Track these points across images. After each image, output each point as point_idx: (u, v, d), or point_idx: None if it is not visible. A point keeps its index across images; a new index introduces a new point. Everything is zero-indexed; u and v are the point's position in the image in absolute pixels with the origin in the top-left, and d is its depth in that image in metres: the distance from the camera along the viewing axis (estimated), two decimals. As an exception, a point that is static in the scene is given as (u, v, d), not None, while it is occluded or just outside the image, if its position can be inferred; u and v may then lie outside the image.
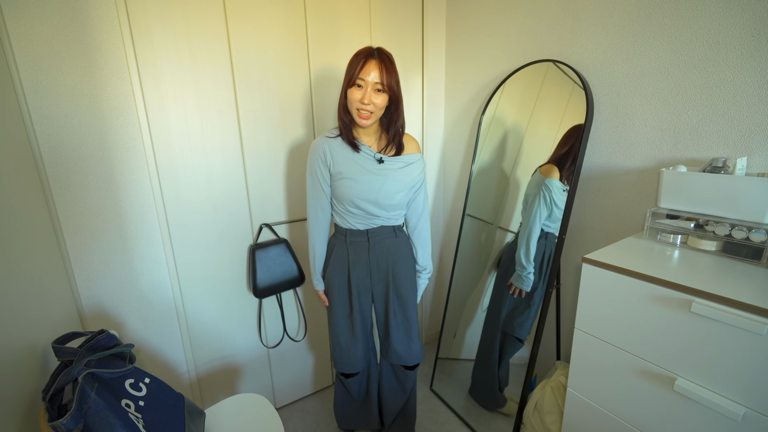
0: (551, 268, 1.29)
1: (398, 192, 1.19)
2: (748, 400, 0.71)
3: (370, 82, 1.06)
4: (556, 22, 1.33)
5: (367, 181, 1.15)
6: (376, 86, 1.07)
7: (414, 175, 1.21)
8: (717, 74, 0.99)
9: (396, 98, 1.12)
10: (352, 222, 1.22)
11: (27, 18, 1.00)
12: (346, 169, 1.15)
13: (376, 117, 1.12)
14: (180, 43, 1.22)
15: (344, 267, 1.26)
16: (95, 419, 0.73)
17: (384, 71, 1.06)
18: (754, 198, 0.86)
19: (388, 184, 1.16)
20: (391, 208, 1.20)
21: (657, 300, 0.82)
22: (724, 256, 0.92)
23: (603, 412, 0.97)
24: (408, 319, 1.31)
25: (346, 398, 1.47)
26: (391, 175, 1.17)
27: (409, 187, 1.21)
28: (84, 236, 1.16)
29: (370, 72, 1.05)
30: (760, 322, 0.67)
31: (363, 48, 1.09)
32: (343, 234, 1.24)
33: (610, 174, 1.26)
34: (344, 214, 1.22)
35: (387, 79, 1.07)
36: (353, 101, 1.08)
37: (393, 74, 1.09)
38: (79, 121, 1.11)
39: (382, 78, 1.06)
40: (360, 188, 1.15)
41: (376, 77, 1.06)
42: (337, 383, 1.45)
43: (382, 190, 1.16)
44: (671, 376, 0.81)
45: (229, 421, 1.12)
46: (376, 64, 1.06)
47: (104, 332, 0.94)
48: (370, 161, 1.17)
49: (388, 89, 1.08)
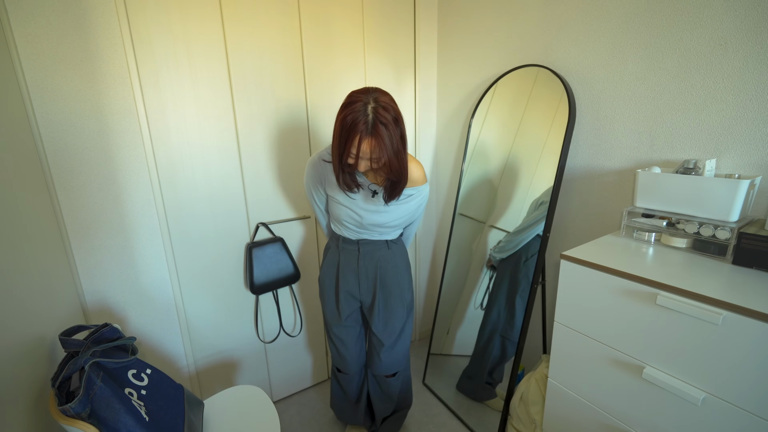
0: (536, 265, 1.35)
1: (394, 221, 1.19)
2: (707, 385, 0.76)
3: (364, 160, 0.99)
4: (541, 28, 1.38)
5: (361, 208, 1.16)
6: (371, 165, 1.01)
7: (412, 205, 1.19)
8: (689, 80, 1.04)
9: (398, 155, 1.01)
10: (345, 232, 1.25)
11: (33, 27, 1.05)
12: (341, 196, 1.16)
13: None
14: (179, 48, 1.27)
15: (334, 271, 1.29)
16: (101, 405, 0.79)
17: (382, 147, 0.96)
18: (720, 198, 0.92)
19: (381, 215, 1.17)
20: (385, 232, 1.23)
21: (627, 293, 0.87)
22: (693, 252, 0.98)
23: (581, 401, 1.03)
24: (392, 328, 1.31)
25: (341, 394, 1.52)
26: (385, 208, 1.17)
27: (404, 216, 1.20)
28: (87, 234, 1.21)
29: (364, 150, 0.97)
30: (716, 312, 0.72)
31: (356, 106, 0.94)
32: (336, 239, 1.29)
33: (592, 175, 1.31)
34: (337, 224, 1.25)
35: (383, 153, 0.97)
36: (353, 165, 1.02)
37: (393, 141, 0.97)
38: (83, 125, 1.16)
39: (380, 155, 0.98)
40: (353, 215, 1.17)
41: (369, 155, 0.98)
42: (333, 377, 1.51)
43: (376, 220, 1.18)
44: (640, 365, 0.87)
45: (227, 411, 1.18)
46: (369, 143, 0.96)
47: (108, 325, 1.00)
48: (364, 192, 1.16)
49: (386, 164, 1.00)
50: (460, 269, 1.81)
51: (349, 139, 0.96)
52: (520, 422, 1.39)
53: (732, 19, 0.95)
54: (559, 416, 1.11)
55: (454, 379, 1.79)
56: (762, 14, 0.90)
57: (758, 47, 0.91)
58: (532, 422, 1.32)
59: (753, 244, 0.85)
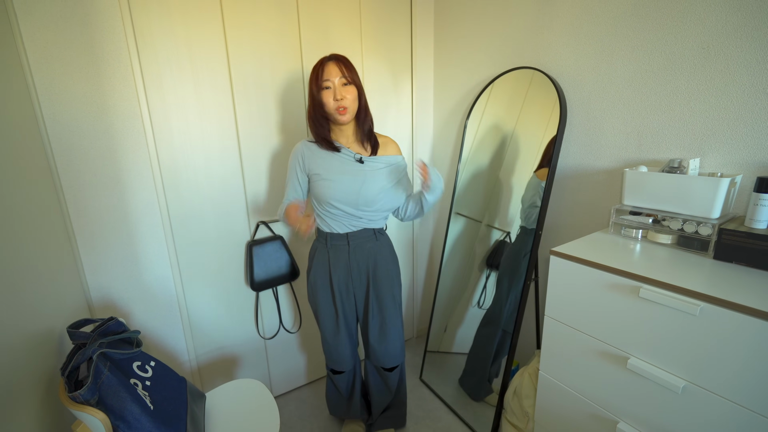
0: (529, 261, 1.38)
1: (378, 193, 1.25)
2: (687, 373, 0.80)
3: (336, 80, 1.18)
4: (534, 32, 1.42)
5: (346, 182, 1.22)
6: (342, 81, 1.19)
7: (393, 174, 1.28)
8: (674, 82, 1.08)
9: (360, 91, 1.23)
10: (333, 225, 1.28)
11: (42, 32, 1.09)
12: (324, 170, 1.24)
13: (352, 112, 1.22)
14: (181, 51, 1.31)
15: (326, 269, 1.32)
16: (108, 393, 0.82)
17: (344, 68, 1.19)
18: (702, 195, 0.95)
19: (367, 185, 1.23)
20: (371, 211, 1.26)
21: (612, 287, 0.91)
22: (677, 248, 1.01)
23: (570, 393, 1.07)
24: (386, 321, 1.35)
25: (335, 392, 1.55)
26: (370, 176, 1.24)
27: (389, 188, 1.27)
28: (92, 232, 1.25)
29: (332, 72, 1.18)
30: (694, 303, 0.76)
31: (320, 59, 1.22)
32: (324, 238, 1.31)
33: (582, 174, 1.35)
34: (325, 216, 1.28)
35: (349, 74, 1.19)
36: (328, 104, 1.19)
37: (353, 70, 1.21)
38: (88, 126, 1.20)
39: (344, 73, 1.18)
40: (338, 189, 1.22)
41: (338, 74, 1.18)
42: (328, 379, 1.54)
43: (361, 192, 1.22)
44: (625, 356, 0.91)
45: (228, 403, 1.21)
46: (335, 64, 1.19)
47: (113, 319, 1.03)
48: (349, 162, 1.24)
49: (352, 82, 1.20)
50: (458, 268, 1.84)
51: (319, 72, 1.18)
52: (514, 415, 1.42)
53: (713, 23, 0.98)
54: (550, 408, 1.14)
55: (452, 376, 1.82)
56: (741, 19, 0.94)
57: (738, 51, 0.95)
58: (525, 415, 1.36)
59: (733, 239, 0.88)
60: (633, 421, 0.92)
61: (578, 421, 1.06)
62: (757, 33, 0.92)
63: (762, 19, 0.91)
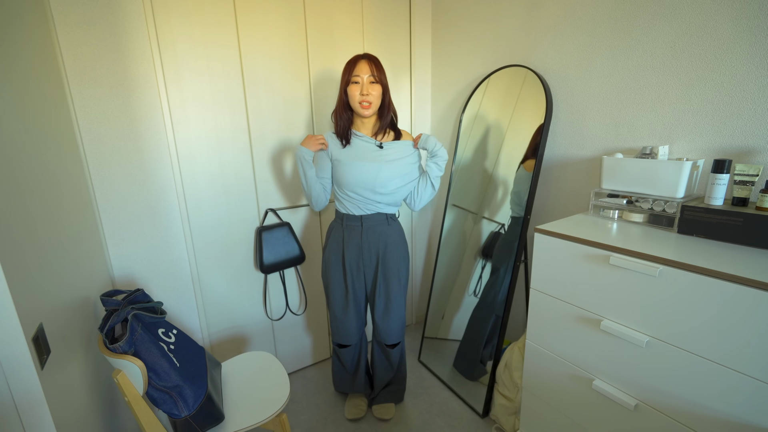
0: (519, 244, 1.50)
1: (392, 179, 1.37)
2: (650, 329, 0.91)
3: (365, 77, 1.30)
4: (524, 32, 1.54)
5: (364, 168, 1.35)
6: (370, 79, 1.31)
7: (407, 164, 1.41)
8: (646, 78, 1.20)
9: (386, 89, 1.36)
10: (349, 207, 1.41)
11: (75, 33, 1.21)
12: (345, 157, 1.37)
13: (375, 107, 1.35)
14: (198, 51, 1.42)
15: (339, 247, 1.45)
16: (142, 347, 0.94)
17: (374, 67, 1.32)
18: (669, 178, 1.07)
19: (383, 171, 1.36)
20: (387, 195, 1.39)
21: (587, 258, 1.02)
22: (648, 225, 1.13)
23: (553, 357, 1.18)
24: (390, 300, 1.47)
25: (340, 368, 1.67)
26: (386, 163, 1.37)
27: (403, 175, 1.40)
28: (117, 215, 1.37)
29: (363, 69, 1.31)
30: (654, 266, 0.87)
31: (354, 55, 1.35)
32: (341, 218, 1.45)
33: (567, 163, 1.47)
34: (343, 199, 1.41)
35: (377, 73, 1.32)
36: (354, 96, 1.32)
37: (381, 70, 1.34)
38: (115, 117, 1.31)
39: (373, 72, 1.31)
40: (357, 173, 1.35)
41: (368, 72, 1.31)
42: (334, 354, 1.65)
43: (378, 177, 1.36)
44: (598, 319, 1.02)
45: (242, 371, 1.32)
46: (367, 63, 1.32)
47: (140, 290, 1.15)
48: (369, 149, 1.38)
49: (379, 81, 1.32)
50: (454, 257, 1.95)
51: (351, 67, 1.31)
52: (505, 387, 1.53)
53: (678, 24, 1.10)
54: (536, 373, 1.25)
55: (449, 359, 1.92)
56: (703, 20, 1.06)
57: (699, 49, 1.07)
58: (515, 386, 1.47)
59: (693, 214, 1.00)
60: (606, 377, 1.03)
61: (559, 383, 1.17)
62: (717, 33, 1.04)
63: (720, 20, 1.03)
